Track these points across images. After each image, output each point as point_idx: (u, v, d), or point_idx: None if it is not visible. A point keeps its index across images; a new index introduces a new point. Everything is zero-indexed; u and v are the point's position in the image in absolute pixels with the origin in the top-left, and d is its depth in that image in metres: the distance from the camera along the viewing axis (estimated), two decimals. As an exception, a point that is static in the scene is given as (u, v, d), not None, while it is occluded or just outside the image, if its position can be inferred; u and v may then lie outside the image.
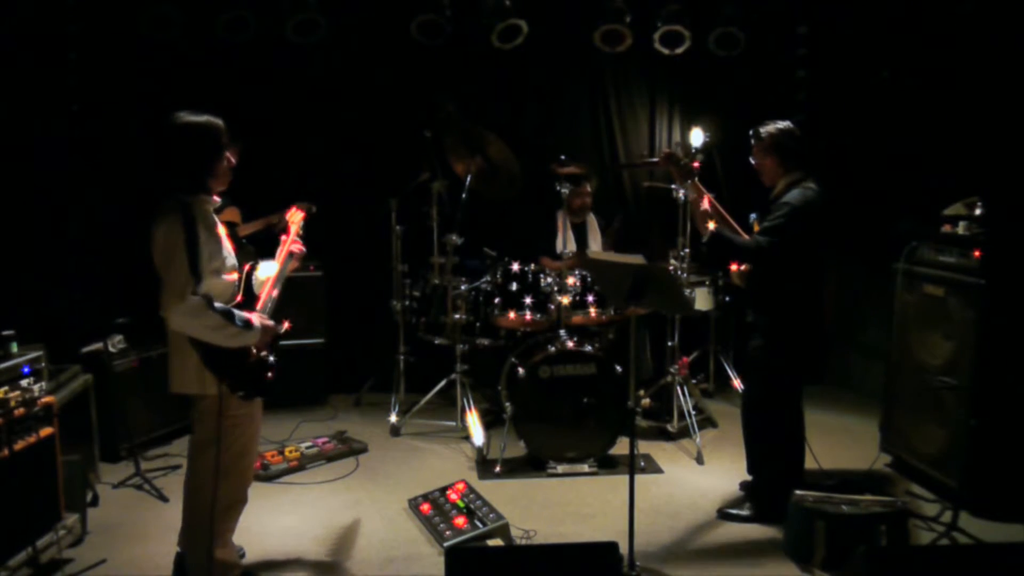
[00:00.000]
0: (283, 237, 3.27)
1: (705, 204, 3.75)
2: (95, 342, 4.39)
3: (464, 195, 4.83)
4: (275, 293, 3.07)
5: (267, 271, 3.12)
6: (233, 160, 3.00)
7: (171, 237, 2.74)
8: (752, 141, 3.76)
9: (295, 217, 3.45)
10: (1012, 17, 4.39)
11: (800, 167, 3.67)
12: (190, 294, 2.72)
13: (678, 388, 4.88)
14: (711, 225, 3.65)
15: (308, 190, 4.72)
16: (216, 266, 2.85)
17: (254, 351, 2.92)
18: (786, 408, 3.73)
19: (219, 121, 2.92)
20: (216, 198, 2.97)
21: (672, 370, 4.90)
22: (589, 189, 5.33)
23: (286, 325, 3.03)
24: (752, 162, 3.78)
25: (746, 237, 3.72)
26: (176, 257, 2.73)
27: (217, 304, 2.76)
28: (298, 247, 3.26)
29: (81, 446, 3.85)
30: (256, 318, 2.89)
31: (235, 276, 2.95)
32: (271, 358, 2.97)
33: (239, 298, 2.92)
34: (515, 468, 4.39)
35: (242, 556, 3.51)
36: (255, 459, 3.43)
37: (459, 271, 4.84)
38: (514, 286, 4.65)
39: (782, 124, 3.68)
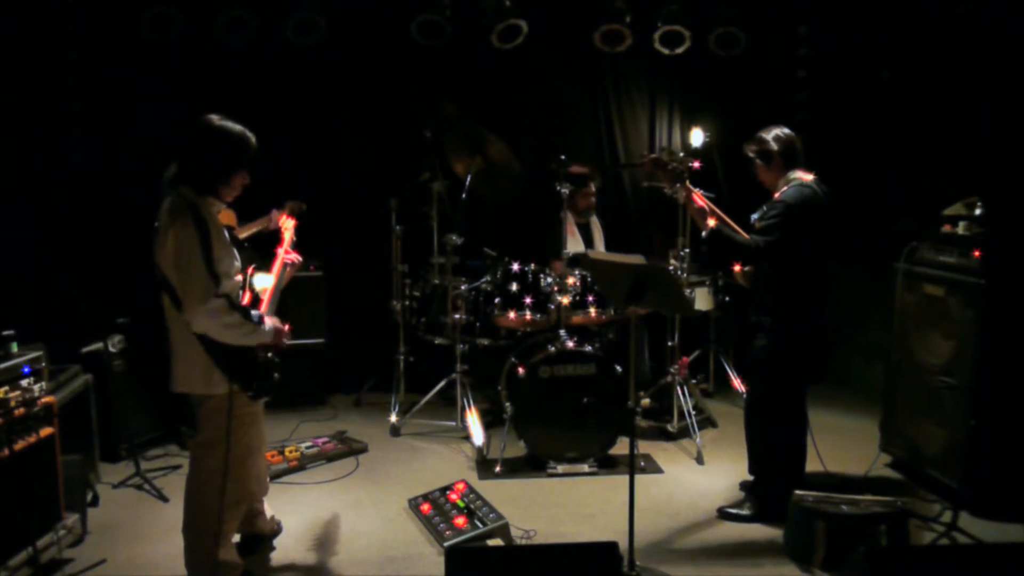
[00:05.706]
0: (276, 249, 3.27)
1: (699, 203, 3.73)
2: (95, 342, 4.39)
3: (464, 195, 4.83)
4: (275, 302, 3.09)
5: (264, 283, 3.12)
6: (247, 179, 2.99)
7: (185, 238, 2.73)
8: None
9: (287, 224, 3.44)
10: (1012, 17, 4.40)
11: (794, 166, 3.66)
12: (213, 295, 2.72)
13: (678, 388, 4.87)
14: (711, 223, 3.64)
15: (308, 190, 4.75)
16: (225, 267, 2.85)
17: (264, 352, 2.93)
18: (789, 408, 3.73)
19: (252, 136, 2.92)
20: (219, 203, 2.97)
21: (672, 370, 4.90)
22: (593, 189, 5.33)
23: (286, 328, 3.04)
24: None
25: (746, 236, 3.72)
26: (193, 258, 2.72)
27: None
28: (292, 258, 3.25)
29: (81, 446, 3.85)
30: (267, 317, 2.91)
31: (240, 277, 2.96)
32: (276, 359, 2.99)
33: (246, 299, 2.92)
34: (515, 468, 4.39)
35: (280, 531, 3.58)
36: (262, 458, 3.42)
37: (459, 271, 4.84)
38: (514, 286, 4.64)
39: (760, 136, 3.67)
